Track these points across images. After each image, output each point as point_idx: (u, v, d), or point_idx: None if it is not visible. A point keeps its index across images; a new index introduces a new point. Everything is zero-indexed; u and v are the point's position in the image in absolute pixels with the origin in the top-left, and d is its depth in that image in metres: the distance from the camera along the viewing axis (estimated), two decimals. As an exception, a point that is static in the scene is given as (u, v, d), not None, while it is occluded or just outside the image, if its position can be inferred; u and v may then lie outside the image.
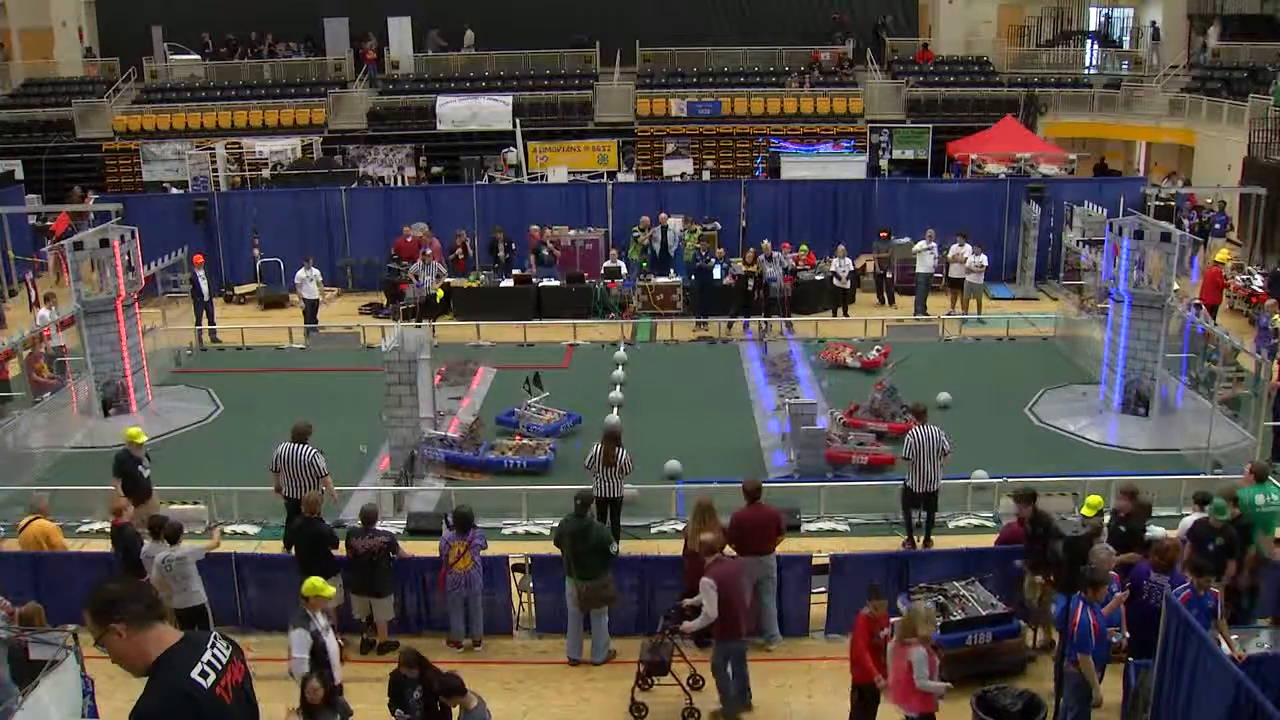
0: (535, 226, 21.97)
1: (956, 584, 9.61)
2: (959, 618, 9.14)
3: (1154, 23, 33.86)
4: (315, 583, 8.40)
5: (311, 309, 19.94)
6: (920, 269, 20.43)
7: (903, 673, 7.75)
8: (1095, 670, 7.85)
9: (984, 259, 20.09)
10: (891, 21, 34.06)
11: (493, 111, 29.76)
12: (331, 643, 8.32)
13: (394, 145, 29.19)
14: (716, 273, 20.04)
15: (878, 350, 17.66)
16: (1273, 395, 13.31)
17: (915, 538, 11.54)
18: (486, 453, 13.85)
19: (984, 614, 9.19)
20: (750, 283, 19.46)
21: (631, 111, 30.49)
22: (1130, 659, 8.34)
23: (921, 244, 20.46)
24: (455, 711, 7.82)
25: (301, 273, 19.99)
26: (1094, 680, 7.82)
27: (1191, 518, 10.22)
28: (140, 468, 11.48)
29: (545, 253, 21.55)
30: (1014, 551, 9.85)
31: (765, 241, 20.43)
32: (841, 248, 20.52)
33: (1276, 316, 15.41)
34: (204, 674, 3.66)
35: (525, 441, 14.25)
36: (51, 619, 8.51)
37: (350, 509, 11.92)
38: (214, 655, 3.75)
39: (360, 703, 8.29)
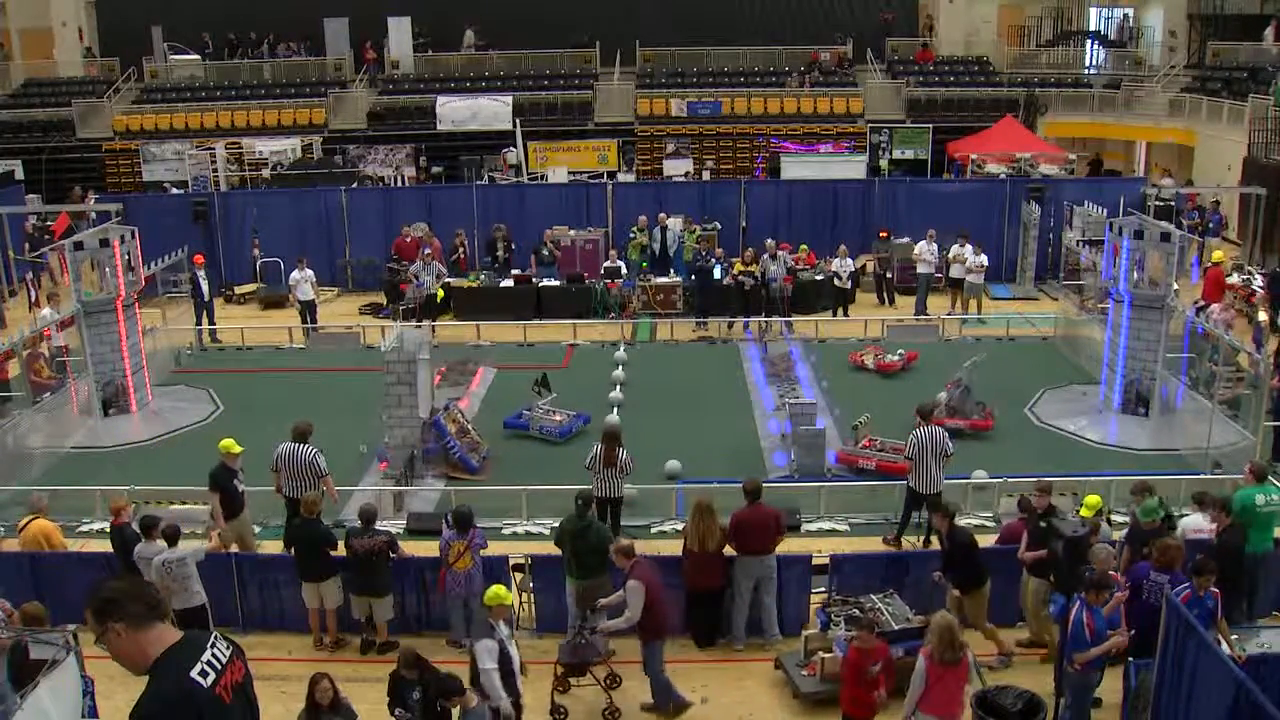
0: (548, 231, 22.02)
1: (874, 596, 9.46)
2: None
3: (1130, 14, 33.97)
4: (498, 591, 8.25)
5: (309, 310, 19.93)
6: (921, 269, 20.45)
7: (953, 691, 7.58)
8: (1094, 659, 7.91)
9: (984, 259, 20.10)
10: (898, 20, 34.07)
11: (493, 111, 29.77)
12: (514, 651, 8.18)
13: (394, 145, 29.21)
14: (717, 273, 20.05)
15: (900, 354, 17.46)
16: (1273, 395, 13.31)
17: (906, 538, 11.55)
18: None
19: (895, 629, 8.92)
20: (748, 283, 19.46)
21: (631, 111, 30.50)
22: (1130, 659, 8.34)
23: (923, 244, 20.47)
24: (455, 712, 7.82)
25: (295, 274, 19.99)
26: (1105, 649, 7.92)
27: (1193, 518, 10.23)
28: (235, 482, 11.05)
29: (546, 253, 21.56)
30: (1013, 551, 9.85)
31: (770, 240, 20.41)
32: (843, 248, 20.52)
33: (1262, 312, 15.45)
34: (204, 673, 3.66)
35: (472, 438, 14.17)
36: (51, 619, 8.50)
37: (350, 509, 11.91)
38: (214, 655, 3.75)
39: (361, 703, 8.28)
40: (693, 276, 20.33)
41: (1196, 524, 10.14)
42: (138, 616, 3.64)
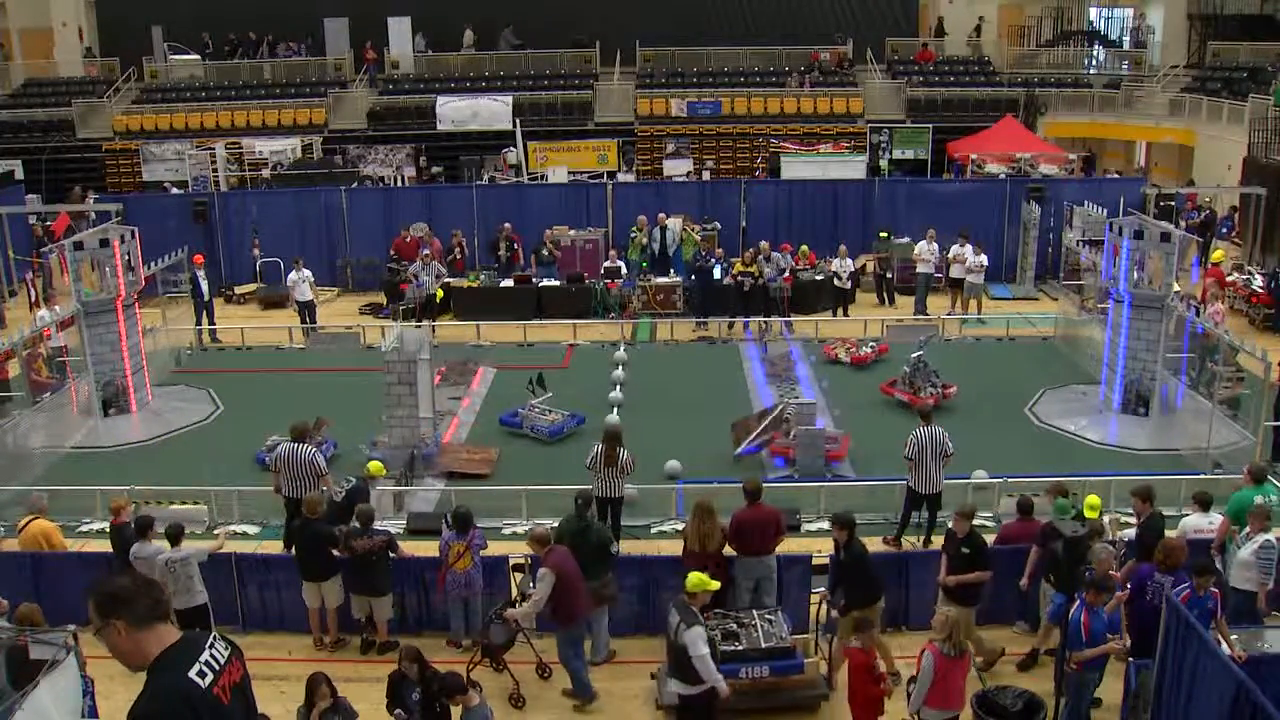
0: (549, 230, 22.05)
1: (755, 613, 9.20)
2: (736, 648, 8.69)
3: (1143, 14, 33.96)
4: (701, 578, 8.37)
5: (307, 311, 19.93)
6: (921, 269, 20.45)
7: (957, 684, 7.68)
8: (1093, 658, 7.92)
9: (984, 259, 20.10)
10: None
11: (493, 111, 29.76)
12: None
13: (394, 145, 29.17)
14: (717, 272, 20.05)
15: (872, 347, 17.77)
16: (1273, 394, 13.29)
17: (906, 538, 11.55)
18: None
19: (763, 647, 8.72)
20: (747, 283, 19.47)
21: (631, 111, 30.50)
22: (1131, 659, 8.34)
23: (923, 244, 20.47)
24: (456, 712, 7.82)
25: (293, 275, 19.98)
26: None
27: (1193, 518, 10.23)
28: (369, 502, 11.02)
29: (545, 253, 21.57)
30: (1013, 551, 9.85)
31: (763, 243, 20.44)
32: (843, 248, 20.53)
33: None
34: (201, 674, 3.66)
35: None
36: (51, 619, 8.50)
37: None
38: (212, 655, 3.76)
39: (361, 702, 8.29)
40: (692, 276, 20.34)
41: (1197, 524, 10.14)
42: (140, 616, 3.65)
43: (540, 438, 14.67)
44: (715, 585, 8.56)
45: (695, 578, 8.34)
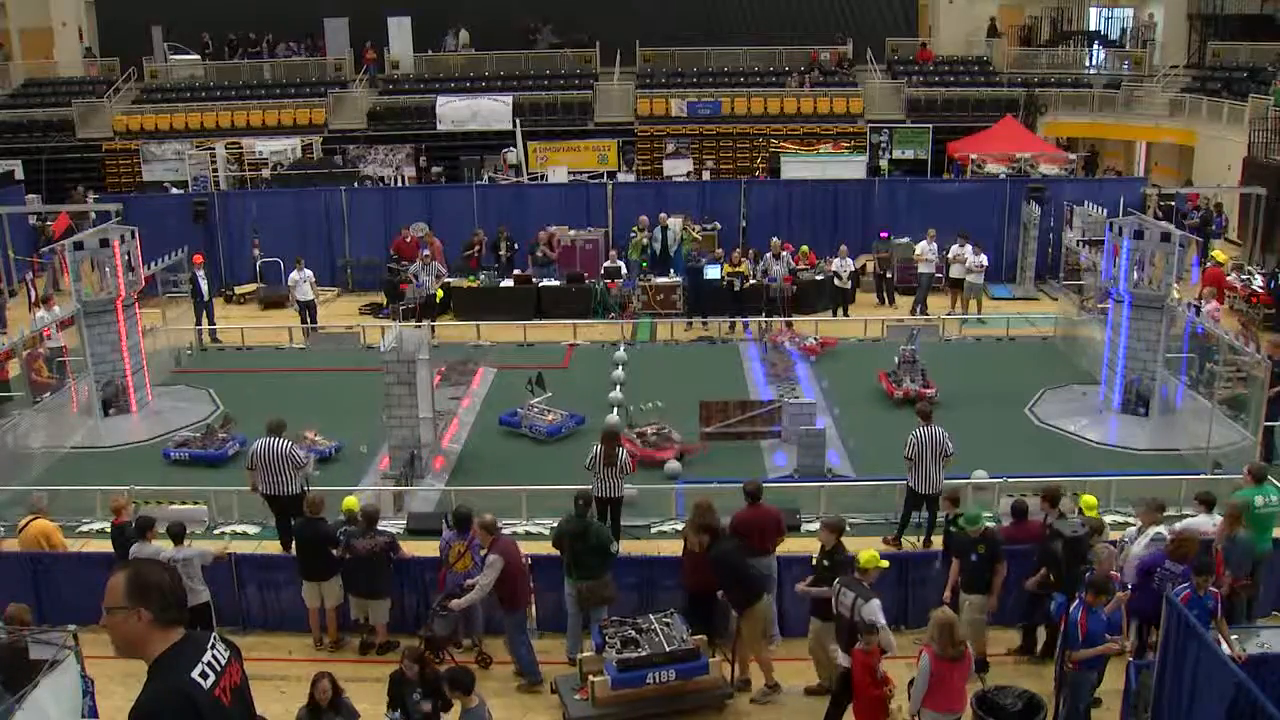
0: (544, 231, 22.02)
1: (651, 617, 9.13)
2: (640, 654, 8.62)
3: (1151, 14, 33.95)
4: (873, 554, 8.49)
5: (308, 311, 19.92)
6: (922, 269, 20.45)
7: (956, 686, 7.68)
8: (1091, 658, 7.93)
9: (984, 259, 20.10)
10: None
11: (493, 111, 29.77)
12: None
13: (394, 145, 29.18)
14: (716, 273, 20.05)
15: (815, 339, 18.20)
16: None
17: (906, 538, 11.54)
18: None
19: (667, 650, 8.63)
20: (736, 284, 19.46)
21: (631, 111, 30.50)
22: (1131, 660, 8.35)
23: (924, 244, 20.47)
24: (455, 709, 7.80)
25: (294, 275, 19.99)
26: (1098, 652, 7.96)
27: (1198, 519, 10.23)
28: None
29: (540, 253, 21.57)
30: (1012, 555, 9.84)
31: (775, 239, 20.45)
32: (843, 248, 20.54)
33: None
34: (204, 675, 3.66)
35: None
36: (51, 619, 8.52)
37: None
38: (214, 656, 3.75)
39: (361, 702, 8.29)
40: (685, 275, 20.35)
41: (1200, 525, 10.14)
42: (165, 613, 3.63)
43: (539, 437, 14.68)
44: (886, 564, 8.70)
45: (868, 554, 8.52)
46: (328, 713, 7.79)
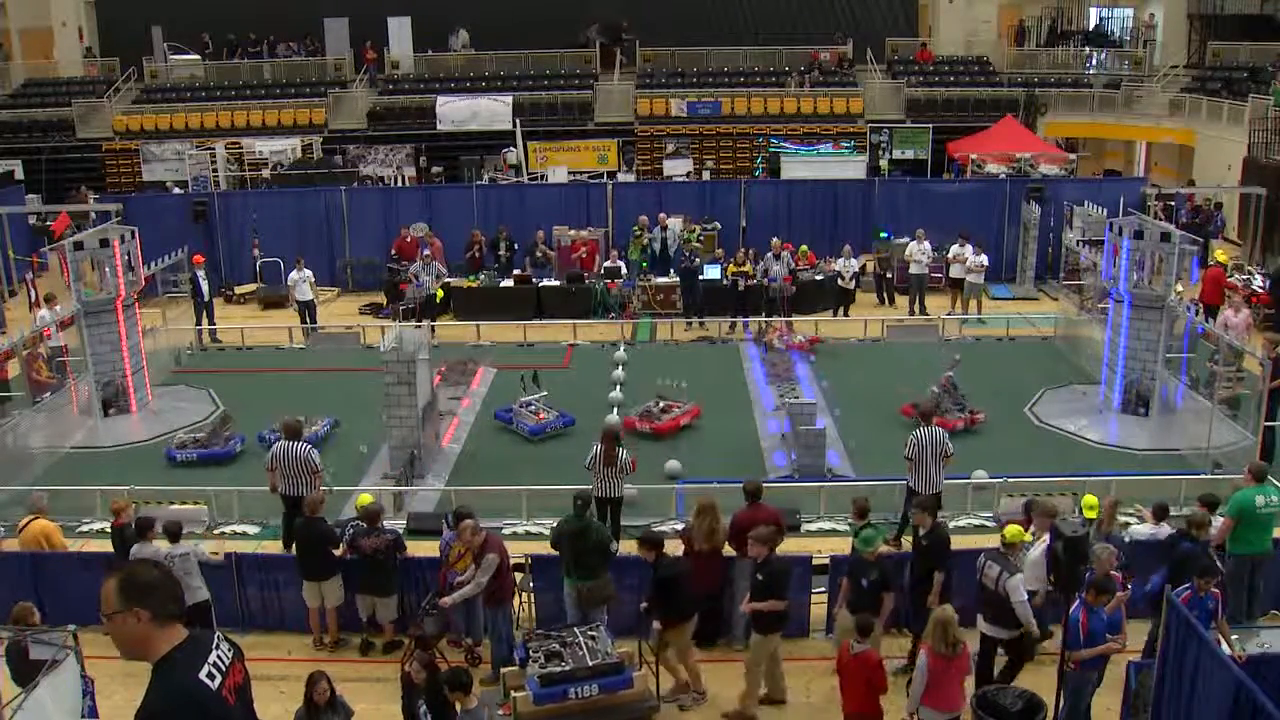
0: (540, 231, 22.02)
1: (577, 630, 8.97)
2: (563, 669, 8.47)
3: (1151, 14, 33.95)
4: (1016, 529, 8.94)
5: (308, 310, 19.92)
6: (914, 270, 20.42)
7: (954, 683, 7.71)
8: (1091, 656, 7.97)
9: (984, 259, 20.10)
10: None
11: (493, 111, 29.75)
12: None
13: (394, 145, 29.17)
14: (716, 272, 20.05)
15: (803, 337, 18.33)
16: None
17: (906, 538, 11.52)
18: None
19: (590, 665, 8.49)
20: (741, 283, 19.46)
21: (631, 111, 30.49)
22: (1130, 661, 8.35)
23: (913, 245, 20.43)
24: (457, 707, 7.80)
25: (294, 274, 19.99)
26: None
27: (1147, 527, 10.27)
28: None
29: (539, 254, 21.56)
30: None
31: (776, 239, 20.45)
32: (847, 248, 20.52)
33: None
34: (211, 675, 3.65)
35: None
36: (51, 619, 8.50)
37: (350, 508, 11.90)
38: (219, 656, 3.75)
39: (360, 703, 8.29)
40: (680, 275, 20.33)
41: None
42: (163, 611, 3.62)
43: (523, 434, 14.79)
44: (1029, 537, 9.11)
45: (1013, 529, 8.93)
46: (326, 712, 7.79)
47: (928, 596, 9.10)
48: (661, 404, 15.21)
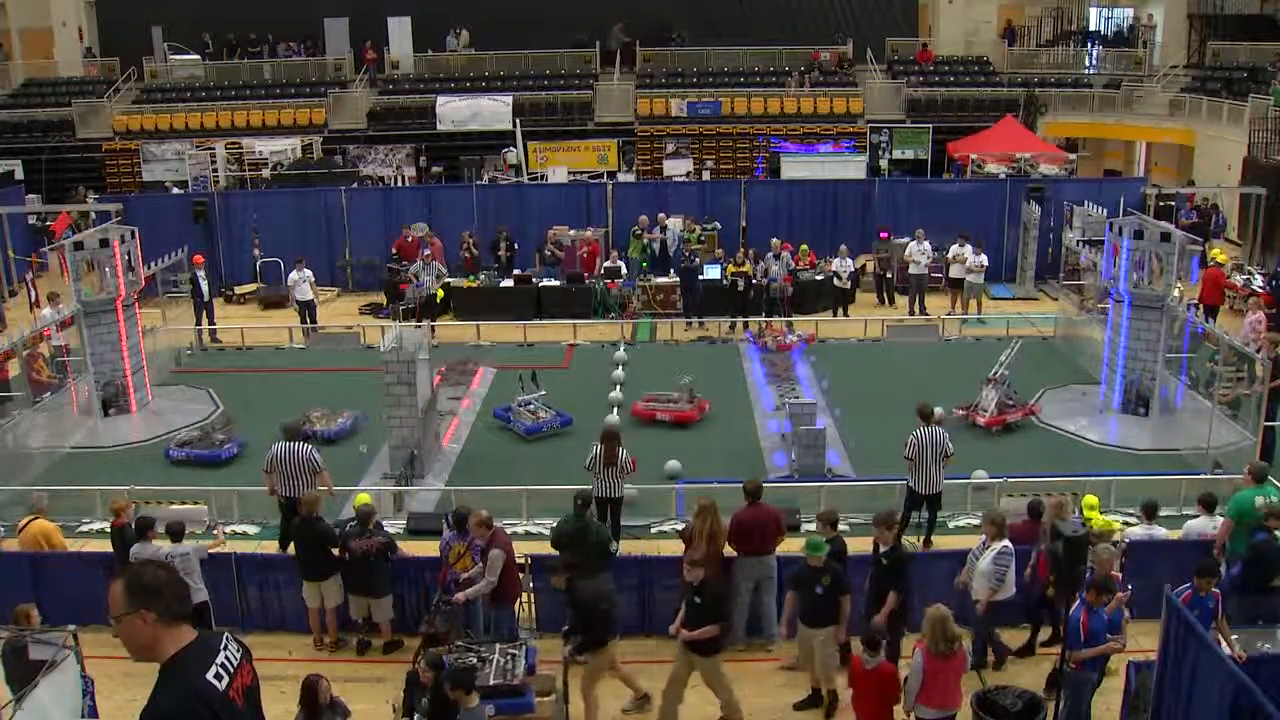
0: (551, 230, 22.08)
1: (497, 646, 8.72)
2: None
3: (1150, 14, 33.95)
4: (1097, 515, 9.20)
5: (308, 310, 19.91)
6: (913, 270, 20.42)
7: (950, 683, 7.67)
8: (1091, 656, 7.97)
9: (984, 259, 20.10)
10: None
11: (493, 111, 29.77)
12: None
13: (394, 145, 29.19)
14: (715, 272, 20.03)
15: (794, 337, 18.55)
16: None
17: (906, 538, 11.50)
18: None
19: (490, 684, 8.26)
20: (740, 283, 19.47)
21: (631, 111, 30.49)
22: (1130, 661, 8.34)
23: (912, 245, 20.42)
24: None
25: (294, 274, 19.98)
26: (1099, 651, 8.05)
27: (1198, 520, 10.23)
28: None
29: (548, 253, 21.56)
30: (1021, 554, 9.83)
31: (776, 240, 20.48)
32: (843, 248, 20.53)
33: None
34: (218, 676, 3.64)
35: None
36: (51, 619, 8.50)
37: (350, 508, 11.90)
38: (226, 657, 3.73)
39: (360, 703, 8.29)
40: (679, 276, 20.33)
41: (1201, 527, 10.15)
42: (169, 611, 3.61)
43: (520, 433, 14.80)
44: (1118, 525, 9.67)
45: (1101, 520, 9.44)
46: (326, 712, 7.79)
47: (878, 613, 8.89)
48: (686, 396, 15.49)
